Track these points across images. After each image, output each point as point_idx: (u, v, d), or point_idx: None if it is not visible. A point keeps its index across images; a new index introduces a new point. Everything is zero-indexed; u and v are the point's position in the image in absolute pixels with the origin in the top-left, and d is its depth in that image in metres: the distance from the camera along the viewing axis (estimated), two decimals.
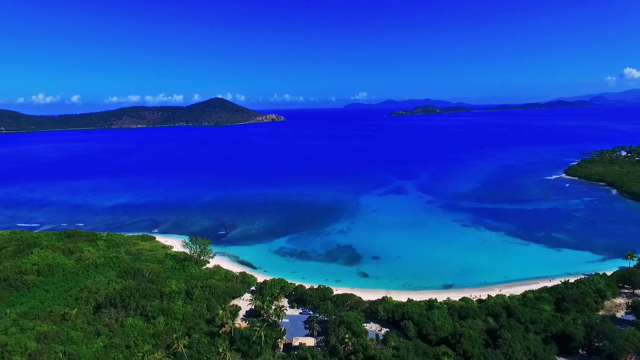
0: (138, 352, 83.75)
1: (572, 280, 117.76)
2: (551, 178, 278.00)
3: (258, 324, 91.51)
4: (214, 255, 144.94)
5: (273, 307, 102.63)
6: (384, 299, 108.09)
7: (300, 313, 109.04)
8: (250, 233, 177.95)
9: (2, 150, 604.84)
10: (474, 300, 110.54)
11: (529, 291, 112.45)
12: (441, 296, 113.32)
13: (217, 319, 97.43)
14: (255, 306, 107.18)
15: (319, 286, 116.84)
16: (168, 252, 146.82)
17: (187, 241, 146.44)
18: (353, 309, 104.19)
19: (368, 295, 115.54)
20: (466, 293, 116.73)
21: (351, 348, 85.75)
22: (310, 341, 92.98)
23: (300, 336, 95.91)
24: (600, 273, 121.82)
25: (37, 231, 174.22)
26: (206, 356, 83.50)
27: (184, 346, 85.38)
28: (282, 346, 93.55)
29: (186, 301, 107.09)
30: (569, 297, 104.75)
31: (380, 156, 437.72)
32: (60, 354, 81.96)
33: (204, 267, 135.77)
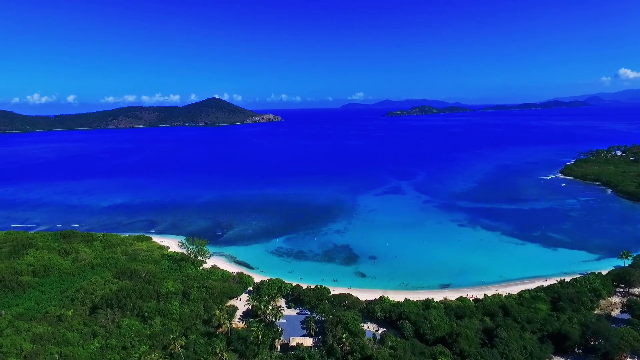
0: (135, 353, 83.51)
1: (568, 279, 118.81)
2: (547, 178, 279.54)
3: (255, 325, 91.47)
4: (211, 255, 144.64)
5: (270, 308, 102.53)
6: (381, 299, 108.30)
7: (297, 313, 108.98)
8: (247, 233, 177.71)
9: None
10: (471, 299, 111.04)
11: (525, 290, 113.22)
12: (438, 296, 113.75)
13: (214, 320, 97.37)
14: (252, 306, 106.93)
15: (316, 286, 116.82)
16: (165, 253, 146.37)
17: (184, 241, 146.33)
18: (350, 309, 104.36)
19: (365, 295, 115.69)
20: (463, 293, 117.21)
21: (348, 348, 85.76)
22: (307, 341, 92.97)
23: (297, 336, 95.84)
24: (595, 272, 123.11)
25: (33, 232, 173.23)
26: (203, 357, 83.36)
27: (181, 347, 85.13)
28: (280, 346, 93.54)
29: (183, 302, 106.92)
30: (565, 297, 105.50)
31: (377, 156, 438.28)
32: (56, 355, 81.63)
33: (201, 268, 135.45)
